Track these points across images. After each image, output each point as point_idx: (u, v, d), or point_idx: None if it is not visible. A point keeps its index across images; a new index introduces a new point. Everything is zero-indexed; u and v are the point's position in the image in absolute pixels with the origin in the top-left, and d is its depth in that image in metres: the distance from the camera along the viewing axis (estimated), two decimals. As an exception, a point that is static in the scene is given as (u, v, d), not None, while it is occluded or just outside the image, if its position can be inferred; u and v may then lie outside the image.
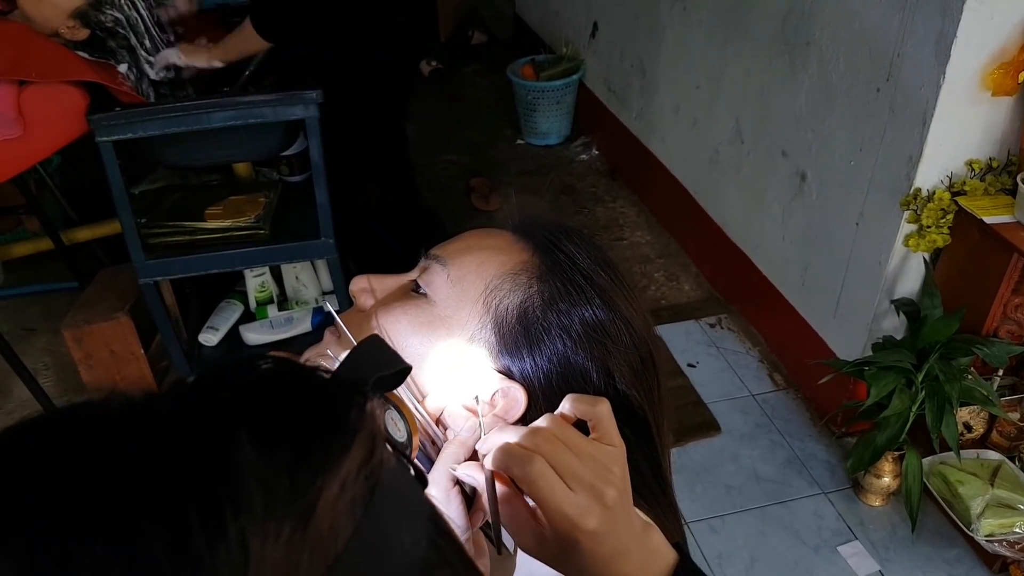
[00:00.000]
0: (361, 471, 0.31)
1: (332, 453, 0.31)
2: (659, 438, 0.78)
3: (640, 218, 3.28)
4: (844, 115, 2.08)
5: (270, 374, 0.34)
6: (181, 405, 0.32)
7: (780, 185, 2.40)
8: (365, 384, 0.41)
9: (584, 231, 0.77)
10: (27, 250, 2.77)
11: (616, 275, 0.77)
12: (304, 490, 0.29)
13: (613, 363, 0.73)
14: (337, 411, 0.33)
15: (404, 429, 0.52)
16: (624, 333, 0.74)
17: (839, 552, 1.99)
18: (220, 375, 0.34)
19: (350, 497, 0.31)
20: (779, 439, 2.28)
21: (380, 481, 0.32)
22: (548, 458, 0.58)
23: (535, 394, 0.71)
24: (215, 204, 2.24)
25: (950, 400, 1.78)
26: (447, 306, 0.72)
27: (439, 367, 0.71)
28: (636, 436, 0.75)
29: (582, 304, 0.73)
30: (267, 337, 2.47)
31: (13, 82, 1.84)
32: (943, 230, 1.89)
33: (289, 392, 0.33)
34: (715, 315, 2.75)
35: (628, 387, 0.73)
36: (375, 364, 0.45)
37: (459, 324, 0.72)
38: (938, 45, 1.74)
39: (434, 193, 3.42)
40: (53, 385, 2.53)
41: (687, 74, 2.86)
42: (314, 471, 0.30)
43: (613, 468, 0.60)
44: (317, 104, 1.98)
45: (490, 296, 0.72)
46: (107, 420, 0.30)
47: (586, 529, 0.57)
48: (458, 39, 4.83)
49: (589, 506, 0.57)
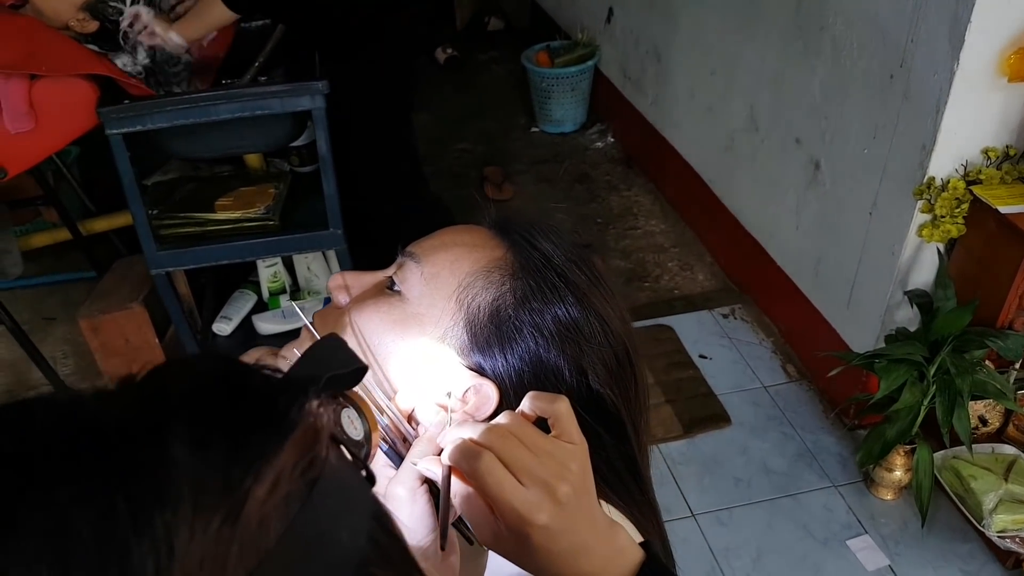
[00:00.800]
0: (297, 467, 0.32)
1: (265, 449, 0.31)
2: (636, 436, 0.77)
3: (655, 206, 3.25)
4: (858, 102, 2.05)
5: (215, 373, 0.35)
6: (124, 403, 0.33)
7: (794, 174, 2.37)
8: (315, 382, 0.41)
9: (564, 227, 0.77)
10: (46, 240, 2.80)
11: (593, 273, 0.76)
12: (234, 486, 0.30)
13: (587, 361, 0.72)
14: (276, 408, 0.33)
15: (362, 428, 0.52)
16: (599, 332, 0.73)
17: (848, 546, 1.97)
18: (167, 373, 0.35)
19: (284, 493, 0.31)
20: (790, 431, 2.26)
21: (320, 477, 0.33)
22: (499, 453, 0.58)
23: (507, 392, 0.71)
24: (226, 195, 2.25)
25: (961, 394, 1.75)
26: (420, 303, 0.72)
27: (411, 364, 0.71)
28: (611, 434, 0.75)
29: (555, 302, 0.72)
30: (279, 327, 2.48)
31: (24, 76, 1.85)
32: (958, 220, 1.85)
33: (230, 391, 0.34)
34: (729, 305, 2.73)
35: (602, 386, 0.73)
36: (329, 363, 0.45)
37: (432, 321, 0.71)
38: (952, 30, 1.70)
39: (447, 182, 3.41)
40: (72, 373, 2.56)
41: (702, 60, 2.83)
42: (245, 467, 0.30)
43: (570, 465, 0.60)
44: (324, 95, 1.98)
45: (463, 293, 0.72)
46: (52, 416, 0.31)
47: (536, 524, 0.57)
48: (474, 26, 4.82)
49: (539, 501, 0.57)
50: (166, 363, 0.35)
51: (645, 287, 2.85)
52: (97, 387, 0.34)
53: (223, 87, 2.10)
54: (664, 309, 2.74)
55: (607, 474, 0.76)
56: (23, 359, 2.32)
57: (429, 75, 4.25)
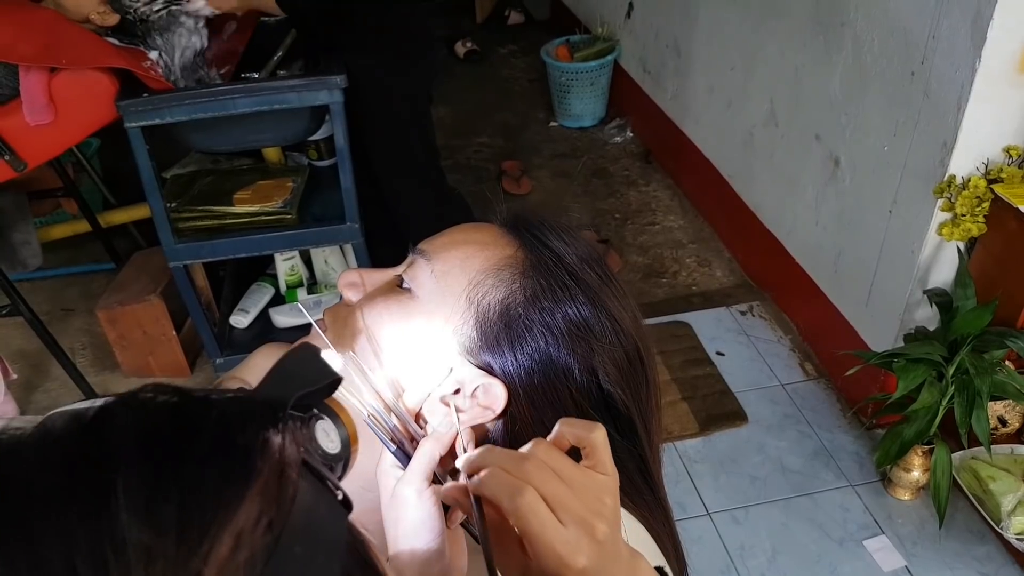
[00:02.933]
0: (260, 521, 0.30)
1: (224, 506, 0.29)
2: (647, 436, 0.77)
3: (673, 202, 3.24)
4: (878, 99, 2.03)
5: (167, 414, 0.32)
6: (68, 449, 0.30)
7: (813, 170, 2.35)
8: (280, 407, 0.38)
9: (578, 224, 0.76)
10: (65, 232, 2.83)
11: (605, 271, 0.76)
12: (190, 553, 0.27)
13: (598, 361, 0.71)
14: (234, 454, 0.31)
15: (339, 438, 0.49)
16: (610, 331, 0.73)
17: (865, 546, 1.96)
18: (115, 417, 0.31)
19: (247, 553, 0.29)
20: (807, 430, 2.25)
21: (286, 526, 0.30)
22: (539, 488, 0.55)
23: (516, 391, 0.70)
24: (244, 188, 2.27)
25: (980, 394, 1.73)
26: (430, 301, 0.71)
27: (420, 362, 0.71)
28: (620, 434, 0.74)
29: (566, 301, 0.71)
30: (296, 320, 2.49)
31: (44, 68, 1.86)
32: (978, 219, 1.83)
33: (182, 436, 0.31)
34: (747, 302, 2.71)
35: (613, 385, 0.72)
36: (300, 378, 0.43)
37: (442, 319, 0.71)
38: (974, 27, 1.68)
39: (465, 176, 3.41)
40: (90, 364, 2.58)
41: (722, 55, 2.81)
42: (200, 530, 0.28)
43: (605, 499, 0.57)
44: (341, 89, 1.98)
45: (473, 291, 0.71)
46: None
47: (576, 568, 0.54)
48: (494, 19, 4.81)
49: (579, 542, 0.54)
50: (116, 403, 0.32)
51: (662, 283, 2.84)
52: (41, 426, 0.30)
53: (242, 81, 2.10)
54: (681, 305, 2.73)
55: (619, 475, 0.75)
56: (41, 350, 2.34)
57: (449, 68, 4.25)
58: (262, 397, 0.38)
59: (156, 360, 2.48)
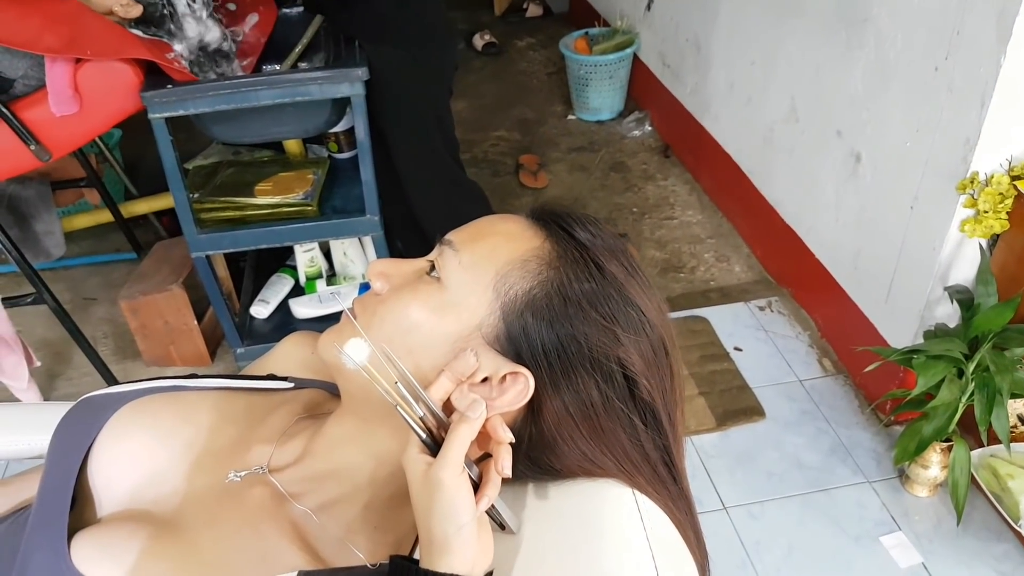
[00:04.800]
0: None
1: None
2: (671, 426, 0.77)
3: (691, 197, 3.23)
4: (900, 95, 2.02)
5: None
6: None
7: (834, 166, 2.34)
8: None
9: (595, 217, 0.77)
10: (88, 222, 2.85)
11: (631, 263, 0.77)
12: None
13: (623, 351, 0.72)
14: None
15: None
16: (635, 322, 0.73)
17: (881, 542, 1.96)
18: None
19: None
20: (825, 426, 2.25)
21: None
22: None
23: (542, 379, 0.71)
24: (265, 180, 2.28)
25: (1000, 392, 1.72)
26: (458, 291, 0.72)
27: (448, 352, 0.72)
28: (645, 424, 0.75)
29: (592, 292, 0.72)
30: (316, 311, 2.51)
31: (69, 60, 1.88)
32: (1001, 215, 1.82)
33: None
34: (765, 298, 2.71)
35: (639, 375, 0.73)
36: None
37: (469, 309, 0.72)
38: (1000, 22, 1.67)
39: (483, 170, 3.42)
40: (111, 353, 2.61)
41: (742, 50, 2.80)
42: None
43: None
44: (363, 82, 1.99)
45: (500, 282, 0.72)
46: None
47: None
48: (513, 11, 4.81)
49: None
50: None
51: (680, 278, 2.84)
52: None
53: (264, 73, 2.12)
54: (699, 300, 2.73)
55: (641, 463, 0.76)
56: (64, 339, 2.36)
57: (467, 61, 4.26)
58: None
59: (177, 349, 2.51)
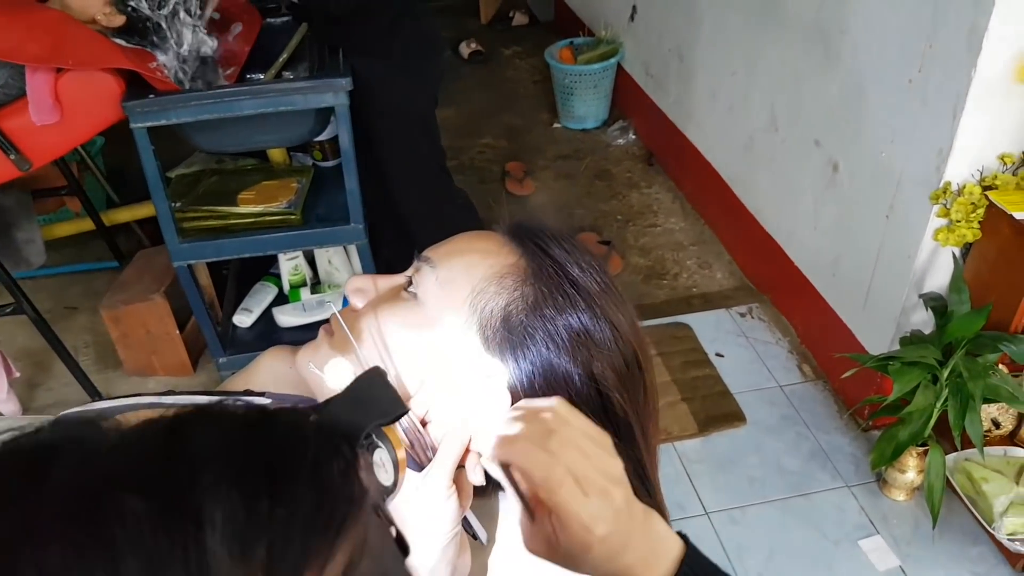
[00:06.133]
0: (345, 569, 0.29)
1: (314, 555, 0.28)
2: (644, 439, 0.79)
3: (675, 204, 3.26)
4: (876, 106, 2.05)
5: (255, 437, 0.31)
6: (154, 471, 0.28)
7: (813, 175, 2.37)
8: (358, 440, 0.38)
9: (575, 227, 0.78)
10: (69, 230, 2.85)
11: (605, 280, 0.78)
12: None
13: (597, 367, 0.73)
14: (326, 499, 0.30)
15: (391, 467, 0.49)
16: (609, 338, 0.75)
17: (860, 546, 1.98)
18: (200, 432, 0.30)
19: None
20: (804, 431, 2.27)
21: (360, 571, 0.30)
22: (566, 463, 0.59)
23: (518, 395, 0.72)
24: (248, 189, 2.29)
25: (973, 397, 1.75)
26: (434, 307, 0.73)
27: (424, 368, 0.73)
28: (619, 438, 0.76)
29: (566, 308, 0.73)
30: (299, 319, 2.51)
31: (50, 69, 1.88)
32: (973, 225, 1.85)
33: (275, 469, 0.29)
34: (746, 304, 2.74)
35: (612, 390, 0.74)
36: (374, 408, 0.43)
37: (445, 325, 0.73)
38: (970, 36, 1.70)
39: (470, 177, 3.43)
40: (92, 363, 2.60)
41: (724, 59, 2.83)
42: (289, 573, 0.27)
43: (614, 463, 0.61)
44: (347, 91, 2.00)
45: (476, 299, 0.73)
46: (72, 474, 0.28)
47: (598, 535, 0.58)
48: (499, 20, 4.82)
49: (601, 511, 0.58)
50: (194, 416, 0.31)
51: (663, 285, 2.86)
52: (121, 432, 0.29)
53: (247, 83, 2.12)
54: (682, 307, 2.75)
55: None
56: (45, 348, 2.36)
57: (453, 69, 4.27)
58: (341, 426, 0.38)
59: (159, 359, 2.51)
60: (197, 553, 0.26)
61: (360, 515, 0.30)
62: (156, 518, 0.26)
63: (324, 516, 0.29)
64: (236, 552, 0.26)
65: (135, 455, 0.29)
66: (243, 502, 0.27)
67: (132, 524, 0.26)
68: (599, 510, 0.58)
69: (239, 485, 0.28)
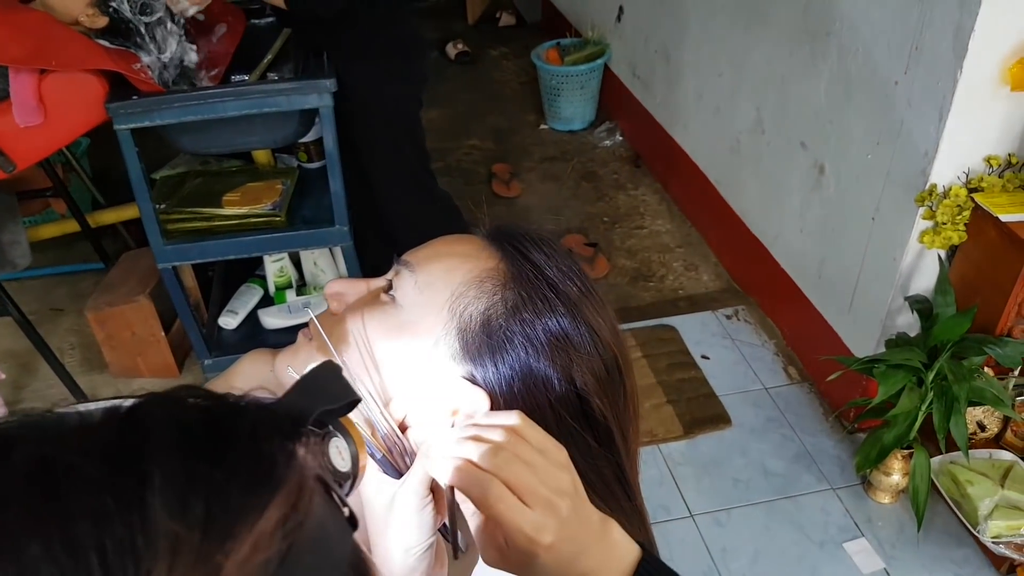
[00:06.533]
0: (278, 530, 0.31)
1: (248, 512, 0.31)
2: (624, 443, 0.79)
3: (661, 206, 3.26)
4: (862, 107, 2.05)
5: (204, 415, 0.34)
6: (109, 439, 0.32)
7: (799, 177, 2.38)
8: (304, 422, 0.40)
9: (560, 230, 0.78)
10: (54, 232, 2.83)
11: (585, 283, 0.78)
12: (213, 549, 0.29)
13: (576, 371, 0.73)
14: (263, 462, 0.33)
15: (349, 455, 0.51)
16: (588, 342, 0.74)
17: (845, 549, 1.99)
18: (152, 409, 0.33)
19: (263, 557, 0.30)
20: (790, 433, 2.27)
21: (302, 535, 0.32)
22: (506, 477, 0.60)
23: (497, 400, 0.72)
24: (233, 190, 2.28)
25: (958, 400, 1.76)
26: (413, 312, 0.73)
27: (404, 372, 0.73)
28: (599, 442, 0.76)
29: (546, 312, 0.73)
30: (285, 321, 2.50)
31: (34, 70, 1.87)
32: (959, 227, 1.86)
33: (218, 438, 0.33)
34: (732, 306, 2.74)
35: (591, 394, 0.74)
36: (323, 395, 0.45)
37: (424, 330, 0.73)
38: (956, 38, 1.71)
39: (456, 179, 3.43)
40: (78, 364, 2.59)
41: (710, 61, 2.84)
42: (225, 531, 0.30)
43: (562, 475, 0.62)
44: (331, 93, 2.00)
45: (455, 303, 0.73)
46: (30, 453, 0.30)
47: (543, 544, 0.59)
48: (486, 21, 4.82)
49: (544, 522, 0.59)
50: (151, 399, 0.34)
51: (650, 287, 2.87)
52: (82, 415, 0.32)
53: (231, 84, 2.11)
54: (668, 309, 2.75)
55: (595, 481, 0.77)
56: (31, 350, 2.34)
57: (440, 70, 4.27)
58: (288, 410, 0.40)
59: (144, 361, 2.49)
60: (140, 510, 0.28)
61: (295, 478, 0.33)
62: (105, 481, 0.29)
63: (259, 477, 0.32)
64: (175, 508, 0.29)
65: (92, 432, 0.32)
66: (183, 465, 0.30)
67: (83, 488, 0.29)
68: (543, 520, 0.59)
69: (181, 451, 0.31)
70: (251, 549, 0.30)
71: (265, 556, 0.31)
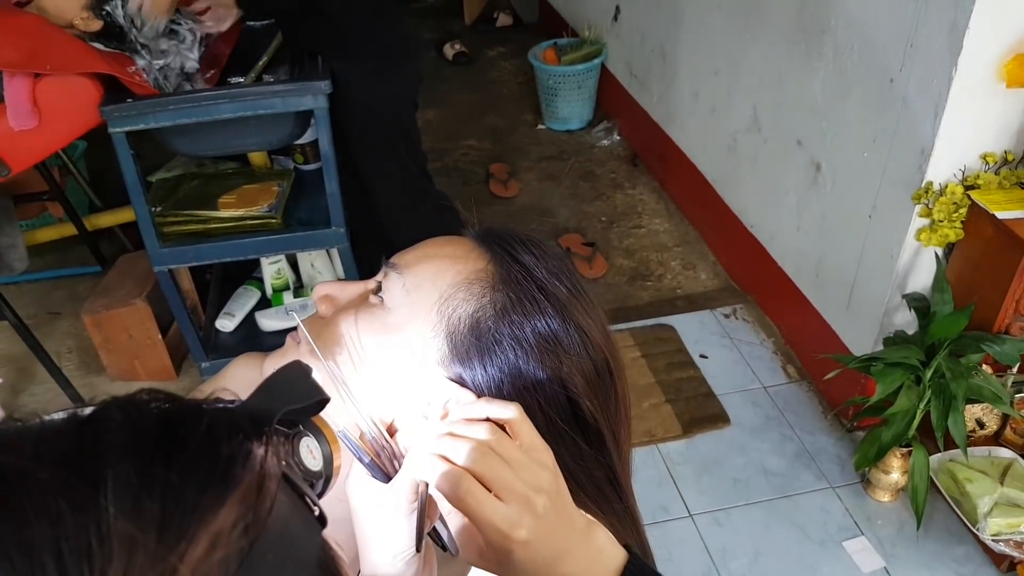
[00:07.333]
0: (236, 527, 0.31)
1: (203, 511, 0.31)
2: (616, 445, 0.78)
3: (659, 205, 3.26)
4: (858, 105, 2.05)
5: (160, 416, 0.34)
6: (65, 443, 0.32)
7: (795, 175, 2.37)
8: (266, 421, 0.39)
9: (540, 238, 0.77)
10: (51, 235, 2.83)
11: (574, 285, 0.77)
12: (168, 549, 0.29)
13: (566, 373, 0.73)
14: (218, 463, 0.32)
15: (321, 455, 0.51)
16: (578, 343, 0.74)
17: (844, 547, 1.98)
18: (111, 413, 0.33)
19: (221, 556, 0.30)
20: (789, 432, 2.27)
21: (263, 533, 0.32)
22: (480, 472, 0.60)
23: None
24: (229, 193, 2.28)
25: (956, 398, 1.75)
26: (401, 314, 0.73)
27: (392, 374, 0.72)
28: (589, 444, 0.76)
29: (535, 314, 0.73)
30: (282, 324, 2.50)
31: (28, 74, 1.87)
32: (955, 225, 1.85)
33: (171, 441, 0.32)
34: (730, 305, 2.73)
35: (581, 396, 0.74)
36: (288, 395, 0.44)
37: (413, 332, 0.72)
38: (951, 35, 1.70)
39: (454, 179, 3.43)
40: (75, 368, 2.58)
41: (706, 60, 2.83)
42: (180, 531, 0.30)
43: (542, 474, 0.62)
44: (326, 94, 1.99)
45: (444, 305, 0.72)
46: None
47: (518, 540, 0.59)
48: (483, 21, 4.82)
49: (519, 517, 0.59)
50: (113, 404, 0.34)
51: (647, 286, 2.86)
52: (44, 423, 0.32)
53: (226, 86, 2.11)
54: (666, 308, 2.75)
55: (586, 483, 0.77)
56: (28, 354, 2.34)
57: (437, 71, 4.26)
58: (250, 410, 0.39)
59: (142, 364, 2.49)
60: (94, 512, 0.28)
61: (252, 477, 0.33)
62: (59, 485, 0.29)
63: (213, 476, 0.32)
64: (129, 510, 0.29)
65: (50, 438, 0.32)
66: (137, 466, 0.30)
67: (36, 492, 0.29)
68: (517, 516, 0.59)
69: (135, 452, 0.31)
70: (208, 548, 0.30)
71: (223, 555, 0.30)
